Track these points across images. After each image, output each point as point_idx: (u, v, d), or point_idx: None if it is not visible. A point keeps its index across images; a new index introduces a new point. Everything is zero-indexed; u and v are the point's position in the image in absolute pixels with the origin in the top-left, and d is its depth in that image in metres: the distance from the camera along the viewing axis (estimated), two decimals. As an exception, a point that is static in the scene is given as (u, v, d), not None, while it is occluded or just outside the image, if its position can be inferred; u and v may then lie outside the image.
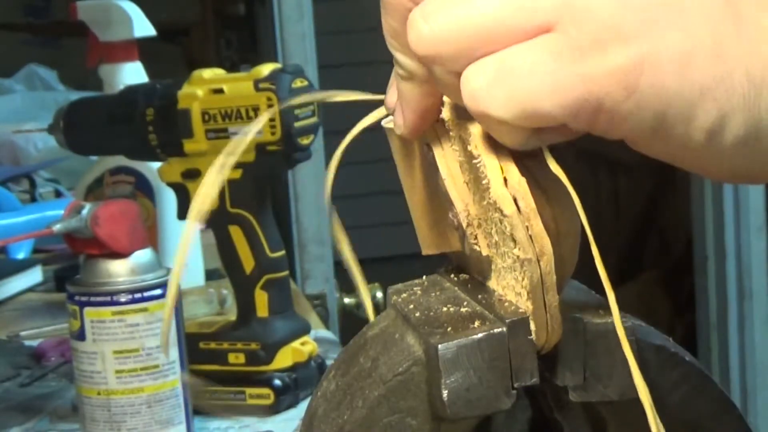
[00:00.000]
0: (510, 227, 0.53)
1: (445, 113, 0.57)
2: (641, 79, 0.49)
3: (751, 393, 2.98)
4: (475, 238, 0.57)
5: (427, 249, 0.62)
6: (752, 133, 0.50)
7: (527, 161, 0.54)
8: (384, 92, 0.61)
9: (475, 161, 0.55)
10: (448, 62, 0.52)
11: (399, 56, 0.56)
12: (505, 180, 0.53)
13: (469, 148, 0.55)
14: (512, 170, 0.53)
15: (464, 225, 0.57)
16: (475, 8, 0.51)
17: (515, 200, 0.53)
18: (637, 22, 0.49)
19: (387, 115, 0.61)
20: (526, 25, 0.50)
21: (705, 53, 0.49)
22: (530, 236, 0.53)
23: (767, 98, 0.50)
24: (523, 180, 0.53)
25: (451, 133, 0.57)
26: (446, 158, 0.57)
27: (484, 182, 0.54)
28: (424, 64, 0.54)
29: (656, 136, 0.50)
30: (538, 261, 0.53)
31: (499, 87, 0.50)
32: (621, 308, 0.56)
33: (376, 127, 0.64)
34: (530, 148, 0.53)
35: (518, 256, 0.53)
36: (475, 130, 0.55)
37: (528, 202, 0.53)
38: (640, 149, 0.51)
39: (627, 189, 4.19)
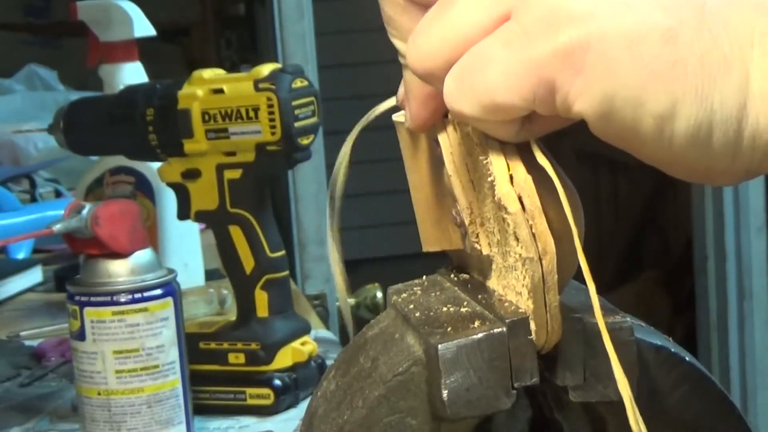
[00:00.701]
0: (513, 225, 0.53)
1: None
2: (587, 56, 0.49)
3: (751, 393, 2.98)
4: (477, 236, 0.57)
5: (429, 246, 0.62)
6: (704, 127, 0.49)
7: (535, 161, 0.54)
8: (382, 93, 0.61)
9: (482, 158, 0.55)
10: (441, 76, 0.52)
11: (396, 42, 0.57)
12: (511, 178, 0.53)
13: (476, 145, 0.55)
14: (519, 168, 0.53)
15: (467, 222, 0.57)
16: (449, 18, 0.52)
17: (520, 198, 0.53)
18: (588, 2, 0.49)
19: (398, 109, 0.61)
20: (490, 20, 0.51)
21: (658, 36, 0.49)
22: (533, 235, 0.53)
23: (722, 93, 0.49)
24: (529, 178, 0.53)
25: (459, 130, 0.57)
26: (453, 155, 0.57)
27: (489, 179, 0.54)
28: (426, 83, 0.55)
29: (608, 119, 0.50)
30: (541, 260, 0.53)
31: (463, 86, 0.51)
32: (621, 308, 0.56)
33: (377, 127, 0.64)
34: (523, 140, 0.53)
35: (520, 255, 0.53)
36: None
37: (533, 200, 0.53)
38: (600, 136, 0.51)
39: (627, 189, 4.19)
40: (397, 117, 0.61)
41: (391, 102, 0.62)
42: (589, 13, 0.49)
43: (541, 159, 0.53)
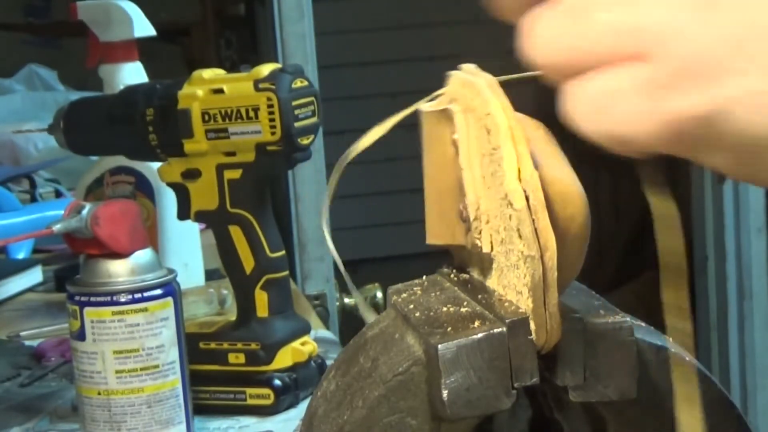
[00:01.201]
0: (517, 221, 0.53)
1: (477, 103, 0.57)
2: (727, 121, 0.47)
3: (751, 393, 2.98)
4: (479, 233, 0.57)
5: (432, 238, 0.62)
6: None
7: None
8: (382, 93, 0.61)
9: (495, 151, 0.55)
10: (553, 72, 0.52)
11: None
12: (519, 173, 0.53)
13: (492, 138, 0.55)
14: (527, 163, 0.54)
15: (472, 218, 0.57)
16: (582, 26, 0.51)
17: (526, 196, 0.53)
18: (730, 58, 0.47)
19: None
20: (624, 50, 0.50)
21: None
22: (536, 231, 0.53)
23: None
24: (535, 173, 0.53)
25: (479, 124, 0.57)
26: (469, 148, 0.57)
27: (500, 174, 0.54)
28: (539, 69, 0.54)
29: (744, 167, 0.49)
30: (542, 257, 0.53)
31: (590, 112, 0.50)
32: (621, 308, 0.56)
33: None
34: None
35: (522, 252, 0.53)
36: (502, 122, 0.55)
37: (537, 195, 0.53)
38: (734, 178, 0.51)
39: (627, 189, 4.19)
40: (424, 107, 0.61)
41: (371, 137, 0.62)
42: (733, 69, 0.47)
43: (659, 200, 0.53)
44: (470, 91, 0.59)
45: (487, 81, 0.58)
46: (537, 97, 0.94)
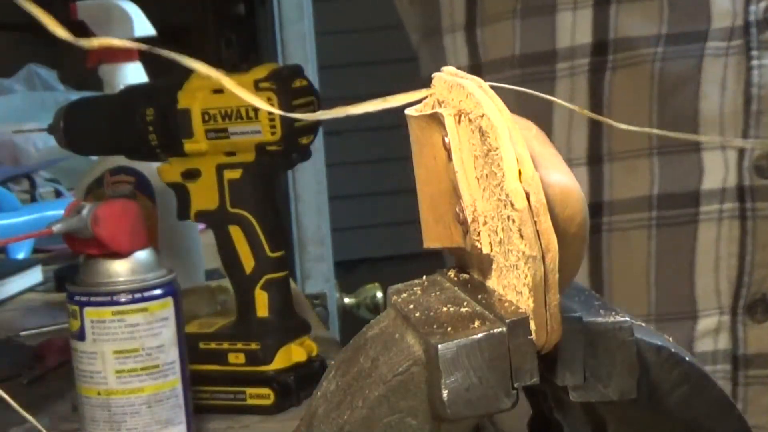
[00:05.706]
0: (519, 222, 0.53)
1: (469, 105, 0.57)
2: None
3: (751, 393, 2.97)
4: (478, 234, 0.57)
5: (430, 242, 0.62)
6: None
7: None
8: (382, 93, 0.61)
9: (492, 153, 0.55)
10: None
11: None
12: (520, 174, 0.53)
13: (489, 140, 0.55)
14: (527, 165, 0.53)
15: (469, 220, 0.57)
16: None
17: (527, 196, 0.53)
18: None
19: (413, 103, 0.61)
20: None
21: None
22: (537, 232, 0.53)
23: None
24: (536, 175, 0.53)
25: (471, 126, 0.57)
26: (462, 151, 0.57)
27: (498, 175, 0.54)
28: None
29: None
30: (543, 258, 0.53)
31: None
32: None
33: (377, 127, 0.64)
34: None
35: (523, 252, 0.53)
36: (500, 123, 0.55)
37: (539, 197, 0.53)
38: None
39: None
40: (408, 111, 0.61)
41: (407, 97, 0.62)
42: None
43: None
44: (459, 94, 0.58)
45: (476, 82, 0.58)
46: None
